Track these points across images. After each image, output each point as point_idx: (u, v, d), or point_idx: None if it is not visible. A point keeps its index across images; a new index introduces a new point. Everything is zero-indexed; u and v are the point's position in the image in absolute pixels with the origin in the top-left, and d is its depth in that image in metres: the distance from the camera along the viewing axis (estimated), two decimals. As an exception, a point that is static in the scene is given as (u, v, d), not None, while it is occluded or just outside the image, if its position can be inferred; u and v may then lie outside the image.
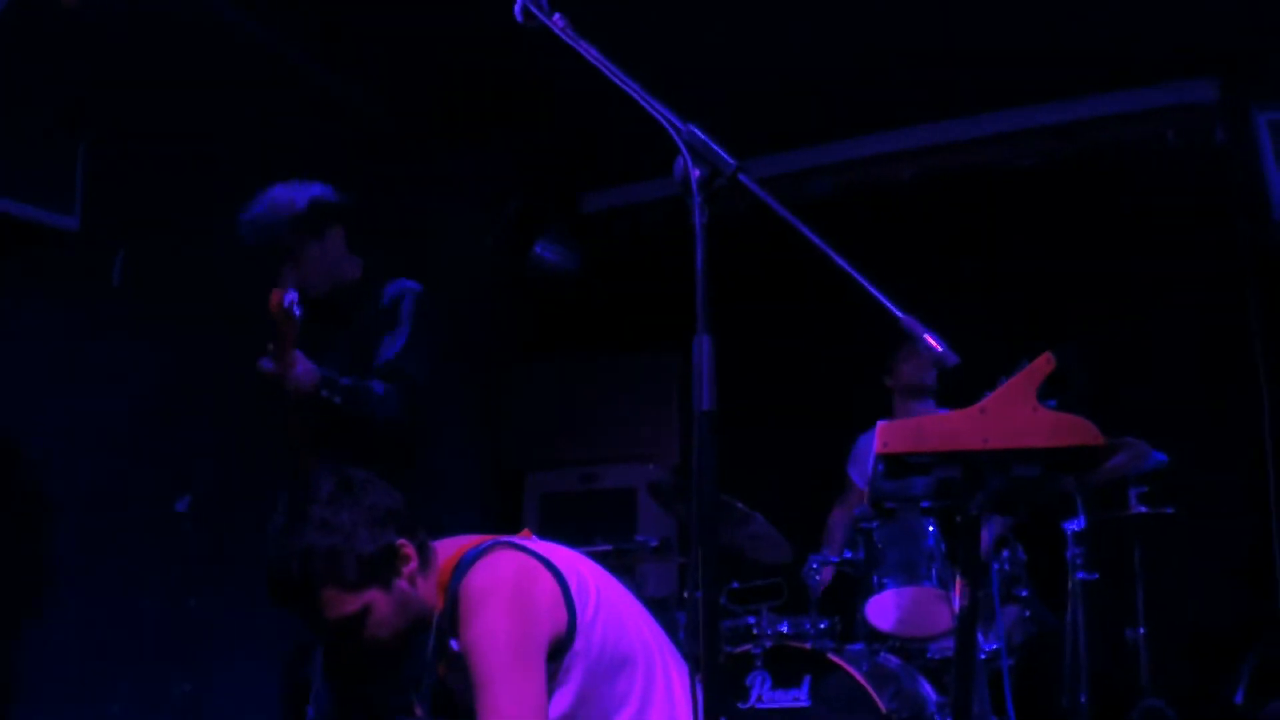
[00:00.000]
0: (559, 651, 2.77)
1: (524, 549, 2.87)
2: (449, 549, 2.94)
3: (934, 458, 3.01)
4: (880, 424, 3.12)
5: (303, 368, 3.77)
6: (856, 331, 4.52)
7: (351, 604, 2.75)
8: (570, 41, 2.41)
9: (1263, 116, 6.37)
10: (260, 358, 3.75)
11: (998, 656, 4.83)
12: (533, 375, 7.80)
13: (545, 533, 3.09)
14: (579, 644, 2.79)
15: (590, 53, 2.39)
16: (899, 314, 2.11)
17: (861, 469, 5.91)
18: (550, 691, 2.75)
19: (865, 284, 2.18)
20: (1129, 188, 6.80)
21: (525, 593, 2.76)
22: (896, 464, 3.07)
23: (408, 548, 2.84)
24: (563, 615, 2.78)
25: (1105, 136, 7.05)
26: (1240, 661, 5.51)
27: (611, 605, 2.93)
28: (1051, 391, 3.50)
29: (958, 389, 3.28)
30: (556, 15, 2.43)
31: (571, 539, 3.19)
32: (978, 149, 7.32)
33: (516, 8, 2.42)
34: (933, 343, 2.07)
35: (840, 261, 2.22)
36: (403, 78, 6.47)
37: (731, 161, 2.26)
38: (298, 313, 3.65)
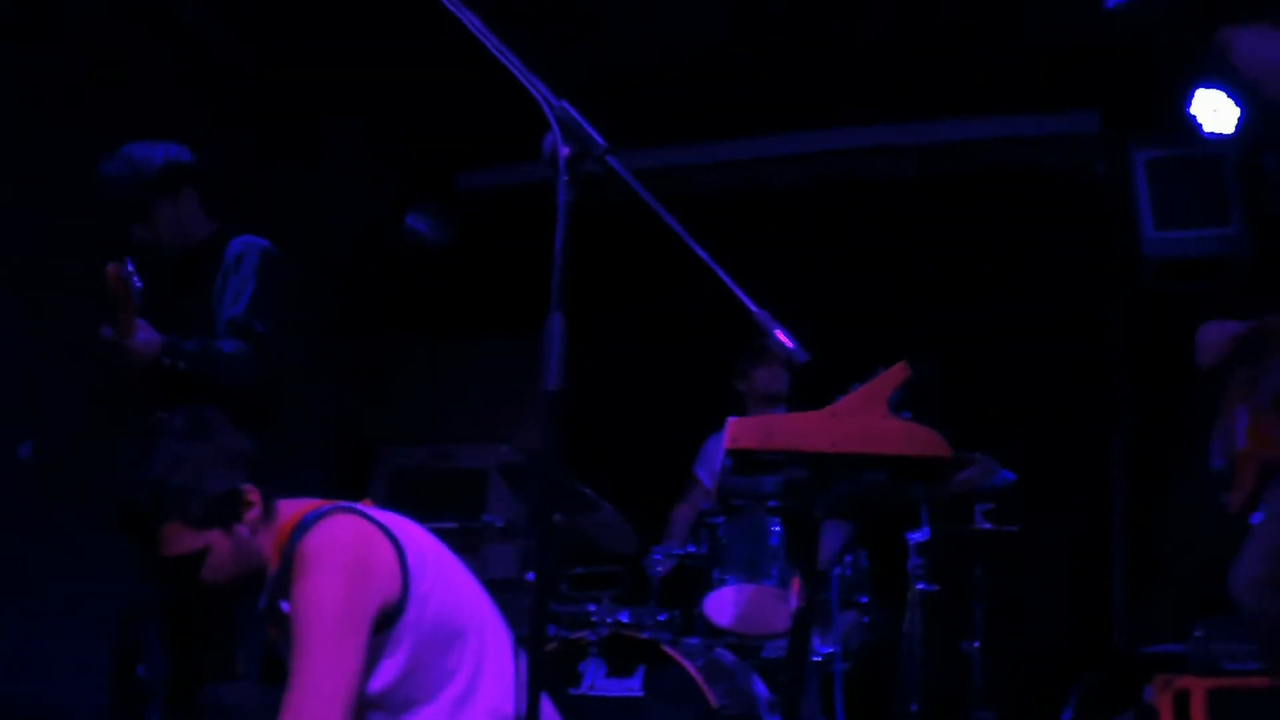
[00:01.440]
0: (389, 621, 2.75)
1: (365, 515, 2.84)
2: (291, 510, 2.92)
3: (782, 456, 3.02)
4: (731, 420, 3.12)
5: (144, 336, 3.76)
6: (720, 333, 4.53)
7: (192, 542, 2.74)
8: (452, 7, 2.36)
9: (1140, 154, 6.51)
10: (101, 326, 3.73)
11: (832, 660, 4.87)
12: (394, 349, 7.72)
13: (393, 508, 3.05)
14: (411, 615, 2.77)
15: (472, 22, 2.34)
16: (753, 308, 2.09)
17: (709, 468, 5.92)
18: (378, 661, 2.73)
19: (722, 276, 2.16)
20: (1006, 210, 6.92)
21: (359, 559, 2.74)
22: (744, 460, 3.07)
23: (253, 494, 2.84)
24: (397, 585, 2.76)
25: (987, 158, 7.16)
26: (1071, 682, 5.62)
27: (448, 580, 2.91)
28: (906, 402, 3.54)
29: (813, 399, 3.28)
30: None
31: (418, 515, 3.15)
32: (863, 160, 7.39)
33: None
34: (782, 339, 2.05)
35: (699, 252, 2.20)
36: (283, 40, 6.36)
37: (602, 142, 2.23)
38: (137, 283, 3.64)
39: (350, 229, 7.54)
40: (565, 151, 2.23)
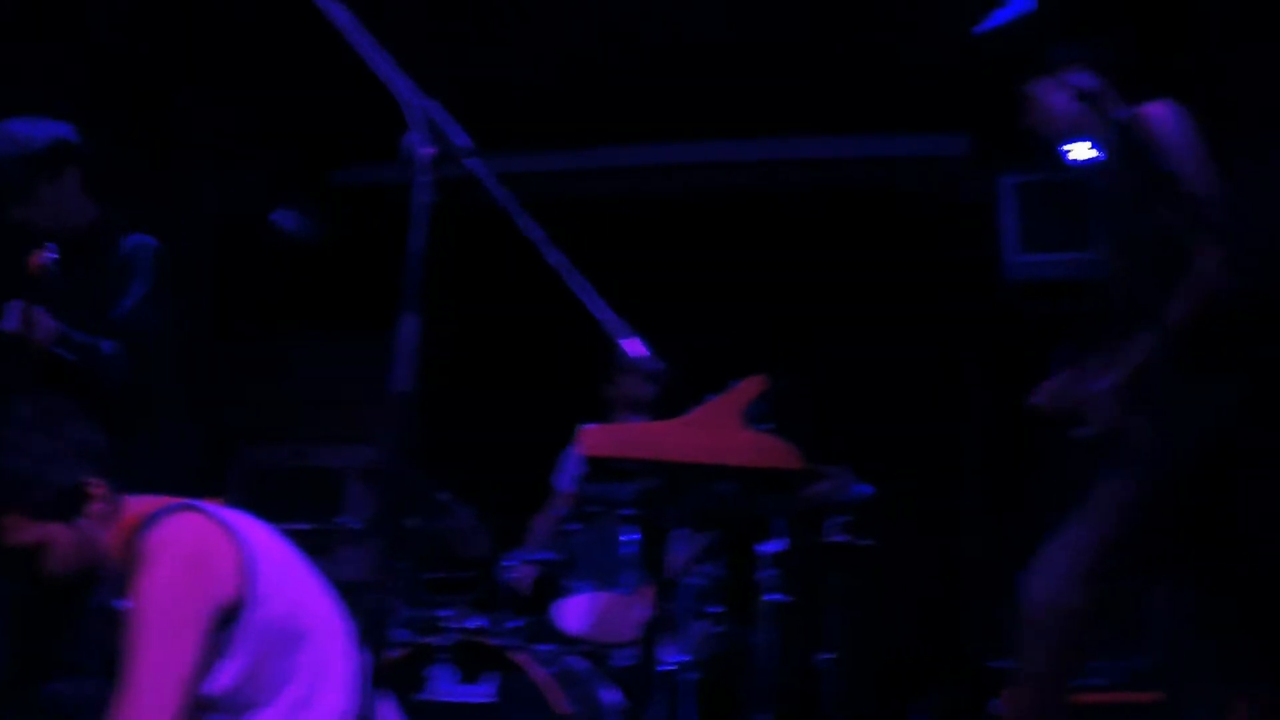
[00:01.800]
0: (228, 620, 2.71)
1: (209, 514, 2.80)
2: (137, 506, 2.87)
3: (635, 465, 3.05)
4: (584, 427, 3.14)
5: (45, 325, 3.72)
6: (589, 341, 4.52)
7: (33, 533, 2.71)
8: (320, 3, 2.33)
9: (1007, 178, 6.65)
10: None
11: (683, 670, 4.87)
12: (258, 345, 7.60)
13: (250, 506, 3.02)
14: (251, 615, 2.73)
15: (343, 16, 2.31)
16: (606, 315, 2.09)
17: (569, 477, 5.91)
18: (217, 661, 2.70)
19: (579, 282, 2.15)
20: (875, 228, 7.01)
21: (198, 556, 2.71)
22: (598, 468, 3.09)
23: (99, 488, 2.79)
24: (237, 584, 2.72)
25: (860, 176, 7.26)
26: (921, 695, 5.70)
27: (291, 582, 2.88)
28: (767, 415, 3.58)
29: (681, 409, 3.31)
30: None
31: (275, 515, 3.11)
32: (738, 172, 7.45)
33: None
34: (633, 347, 2.05)
35: (557, 257, 2.19)
36: (153, 29, 6.23)
37: (465, 144, 2.22)
38: (55, 273, 3.68)
39: (216, 223, 7.40)
40: (427, 152, 2.21)
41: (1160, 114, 3.38)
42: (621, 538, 4.96)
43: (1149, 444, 3.21)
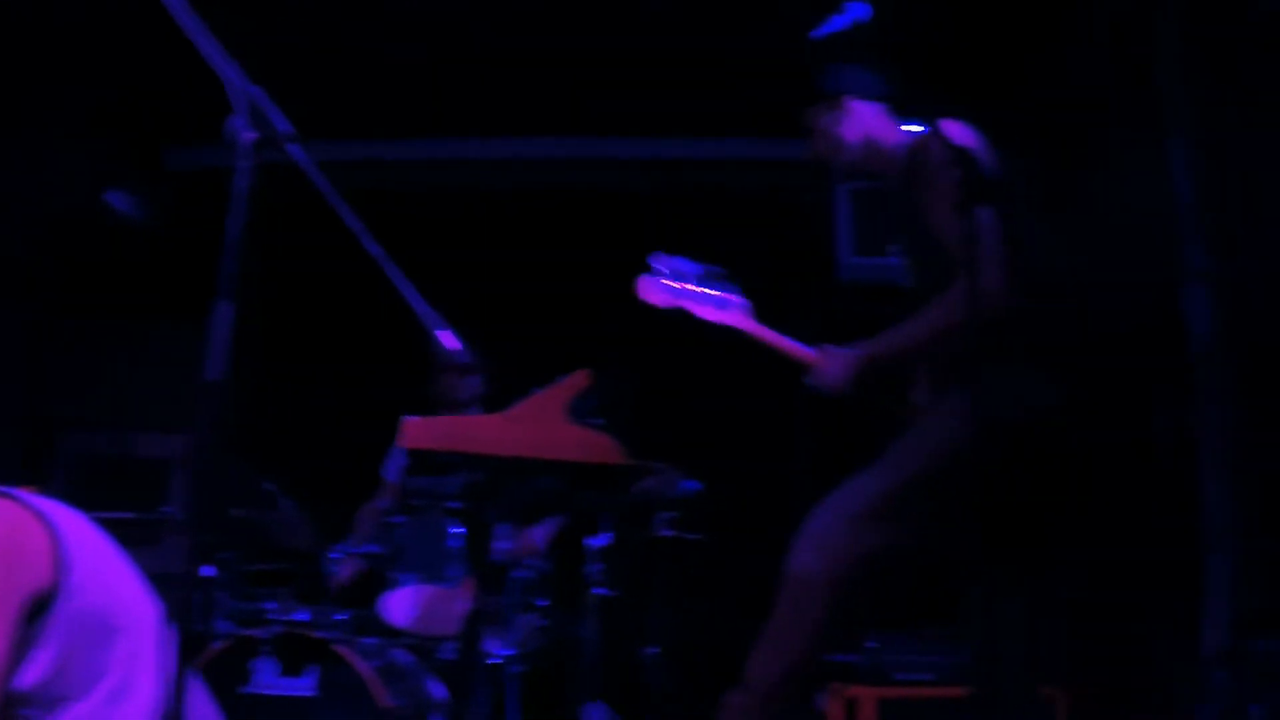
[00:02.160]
0: (40, 610, 2.63)
1: (20, 501, 2.72)
2: None
3: (459, 458, 3.03)
4: (408, 419, 3.11)
5: None
6: (417, 333, 4.49)
7: None
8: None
9: (843, 184, 6.76)
10: None
11: (509, 663, 4.88)
12: (82, 329, 7.39)
13: (72, 495, 2.93)
14: (63, 605, 2.66)
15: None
16: (420, 307, 2.08)
17: (394, 469, 5.86)
18: (28, 652, 2.62)
19: (396, 274, 2.14)
20: (724, 227, 7.06)
21: (11, 545, 2.62)
22: (421, 460, 3.08)
23: None
24: (50, 574, 2.64)
25: (708, 177, 7.32)
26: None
27: (106, 572, 2.80)
28: (597, 410, 3.59)
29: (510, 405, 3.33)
30: None
31: (98, 503, 3.04)
32: (585, 170, 7.46)
33: None
34: (446, 339, 2.04)
35: (374, 248, 2.18)
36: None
37: (287, 130, 2.19)
38: None
39: (44, 202, 7.19)
40: (250, 137, 2.18)
41: (950, 135, 3.36)
42: (449, 530, 4.94)
43: (903, 444, 3.29)
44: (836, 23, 3.55)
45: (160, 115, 7.29)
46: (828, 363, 3.48)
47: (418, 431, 2.97)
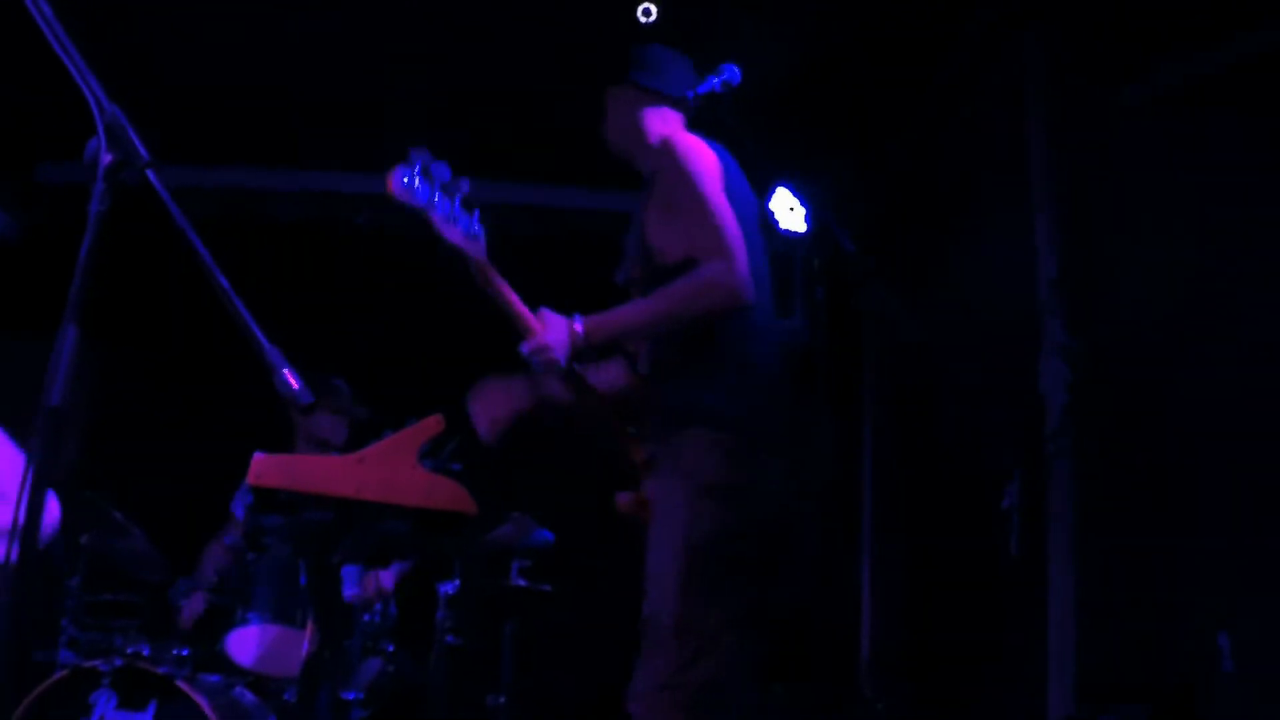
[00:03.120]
0: None
1: None
2: None
3: (305, 499, 2.99)
4: (256, 456, 3.06)
5: None
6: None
7: None
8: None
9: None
10: None
11: (354, 707, 4.81)
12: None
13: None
14: None
15: (43, 7, 2.23)
16: (264, 344, 2.04)
17: (241, 505, 5.74)
18: None
19: (239, 306, 2.10)
20: (585, 274, 7.07)
21: None
22: (266, 498, 3.02)
23: None
24: None
25: (585, 224, 7.38)
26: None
27: None
28: (445, 455, 3.54)
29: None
30: None
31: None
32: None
33: None
34: (289, 379, 2.01)
35: (221, 280, 2.14)
36: None
37: (145, 155, 2.16)
38: None
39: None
40: (106, 159, 2.14)
41: (684, 143, 3.36)
42: (298, 570, 4.86)
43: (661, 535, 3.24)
44: (710, 82, 3.56)
45: (34, 129, 7.14)
46: (546, 329, 3.29)
47: (264, 468, 2.92)
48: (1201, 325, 4.45)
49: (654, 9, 5.27)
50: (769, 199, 5.87)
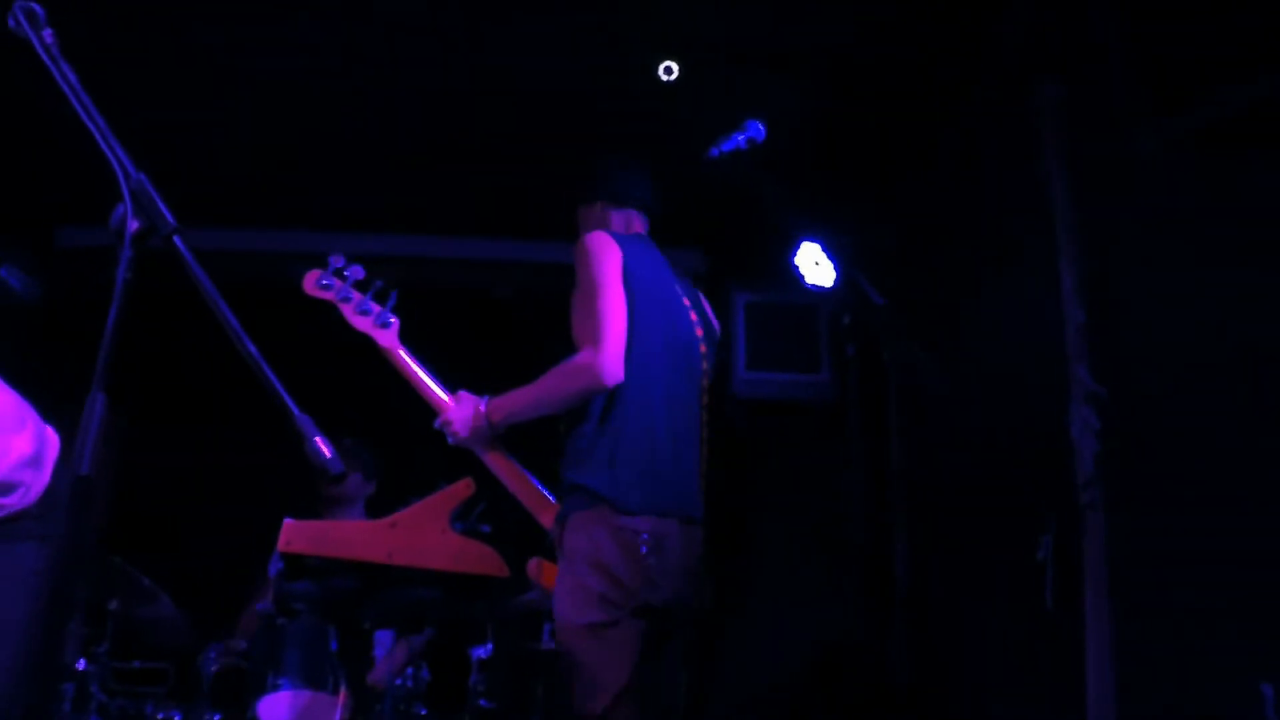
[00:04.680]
0: None
1: None
2: None
3: (336, 564, 2.97)
4: (286, 521, 3.05)
5: None
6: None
7: None
8: (48, 61, 2.25)
9: (740, 296, 6.79)
10: None
11: (386, 773, 4.76)
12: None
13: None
14: None
15: (68, 77, 2.23)
16: (295, 411, 2.02)
17: (275, 569, 5.74)
18: None
19: (269, 374, 2.08)
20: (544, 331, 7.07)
21: None
22: (297, 564, 3.00)
23: None
24: None
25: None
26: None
27: None
28: (475, 517, 3.55)
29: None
30: (48, 31, 2.27)
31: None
32: (463, 271, 7.43)
33: (13, 10, 2.24)
34: (321, 446, 1.99)
35: (250, 347, 2.12)
36: None
37: (172, 222, 2.15)
38: None
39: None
40: (133, 226, 2.13)
41: (587, 243, 3.62)
42: (331, 634, 4.82)
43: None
44: (734, 139, 3.59)
45: (54, 193, 7.17)
46: (456, 408, 3.59)
47: (294, 535, 2.90)
48: (1233, 366, 4.40)
49: (675, 67, 5.27)
50: (794, 254, 5.87)
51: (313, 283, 3.80)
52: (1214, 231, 4.45)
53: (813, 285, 5.49)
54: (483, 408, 3.57)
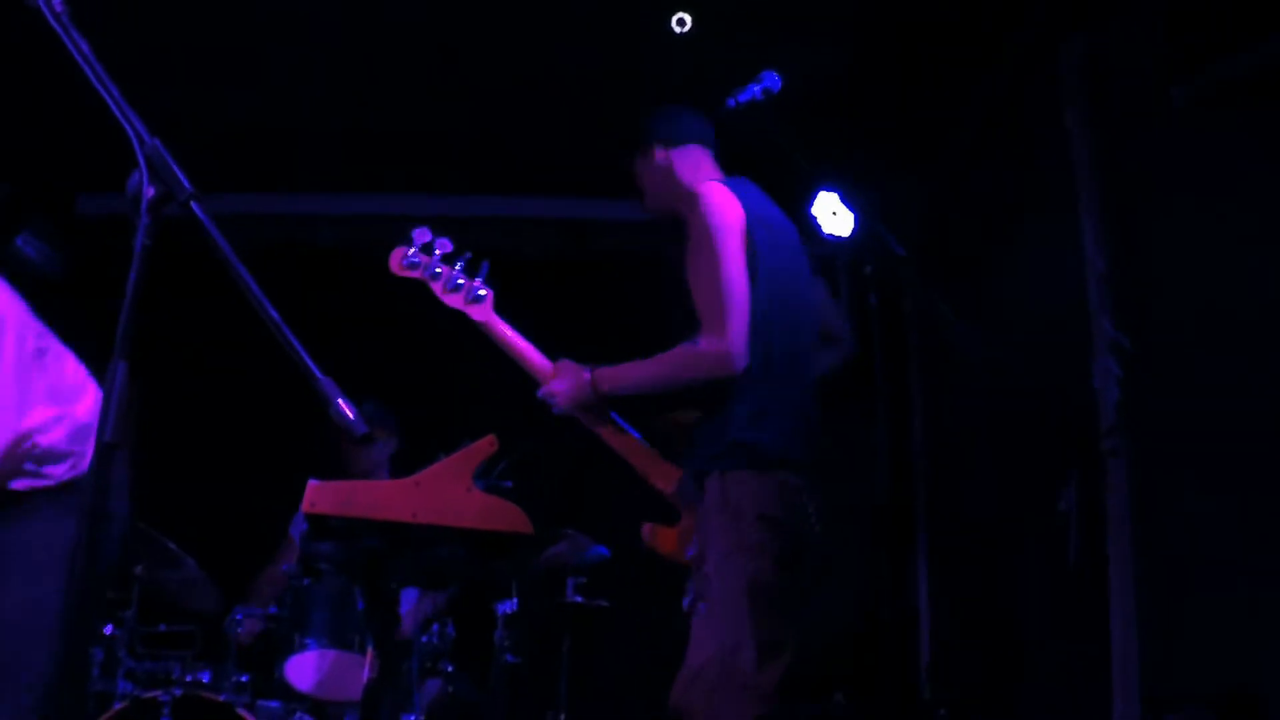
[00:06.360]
0: None
1: None
2: None
3: (360, 524, 2.98)
4: (310, 483, 3.06)
5: None
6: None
7: None
8: (59, 28, 2.24)
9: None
10: None
11: (415, 730, 4.80)
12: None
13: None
14: None
15: (80, 45, 2.23)
16: (317, 375, 2.02)
17: (299, 529, 5.76)
18: None
19: (290, 337, 2.08)
20: (626, 291, 7.03)
21: None
22: (321, 525, 3.01)
23: None
24: None
25: (609, 239, 7.31)
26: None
27: None
28: (502, 473, 3.55)
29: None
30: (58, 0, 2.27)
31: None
32: (500, 230, 7.40)
33: None
34: (344, 409, 1.99)
35: (271, 312, 2.12)
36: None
37: (188, 187, 2.14)
38: None
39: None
40: (150, 193, 2.13)
41: (706, 195, 3.51)
42: (355, 594, 4.86)
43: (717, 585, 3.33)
44: (750, 90, 3.56)
45: (74, 160, 7.16)
46: (560, 377, 3.58)
47: (318, 496, 2.91)
48: (1256, 316, 4.37)
49: (689, 19, 5.22)
50: (811, 204, 5.84)
51: (398, 261, 3.70)
52: (1241, 183, 4.41)
53: (830, 236, 5.48)
54: (586, 375, 3.54)
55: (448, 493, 2.98)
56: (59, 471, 3.03)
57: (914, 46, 5.65)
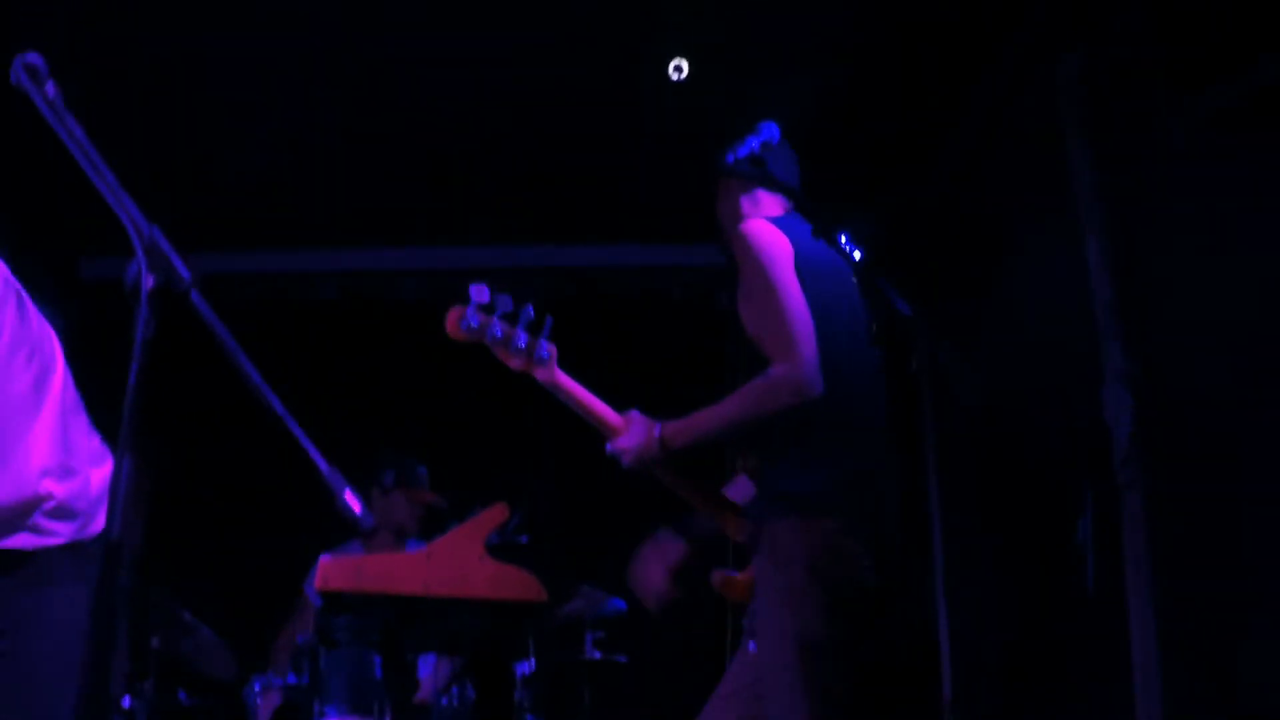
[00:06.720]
0: None
1: None
2: None
3: (374, 599, 2.96)
4: (322, 559, 3.05)
5: None
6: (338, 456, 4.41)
7: None
8: (50, 117, 2.23)
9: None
10: None
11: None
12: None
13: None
14: None
15: (74, 132, 2.22)
16: (324, 468, 2.00)
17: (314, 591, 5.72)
18: None
19: (297, 431, 2.06)
20: (630, 333, 7.02)
21: None
22: (336, 601, 3.00)
23: None
24: None
25: (613, 284, 7.30)
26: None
27: None
28: (516, 530, 3.52)
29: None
30: (50, 84, 2.25)
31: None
32: (501, 278, 7.34)
33: (14, 66, 2.22)
34: (351, 502, 1.96)
35: (275, 403, 2.10)
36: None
37: (186, 276, 2.13)
38: None
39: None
40: (150, 283, 2.11)
41: (751, 232, 3.45)
42: (374, 661, 4.82)
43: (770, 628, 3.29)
44: (749, 144, 3.55)
45: (76, 224, 7.17)
46: (629, 431, 3.44)
47: (330, 572, 2.90)
48: (1266, 340, 4.34)
49: (685, 65, 5.22)
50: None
51: (455, 323, 3.45)
52: (1244, 206, 4.39)
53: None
54: (656, 432, 3.41)
55: (459, 562, 2.97)
56: (68, 530, 2.99)
57: (907, 73, 5.64)
